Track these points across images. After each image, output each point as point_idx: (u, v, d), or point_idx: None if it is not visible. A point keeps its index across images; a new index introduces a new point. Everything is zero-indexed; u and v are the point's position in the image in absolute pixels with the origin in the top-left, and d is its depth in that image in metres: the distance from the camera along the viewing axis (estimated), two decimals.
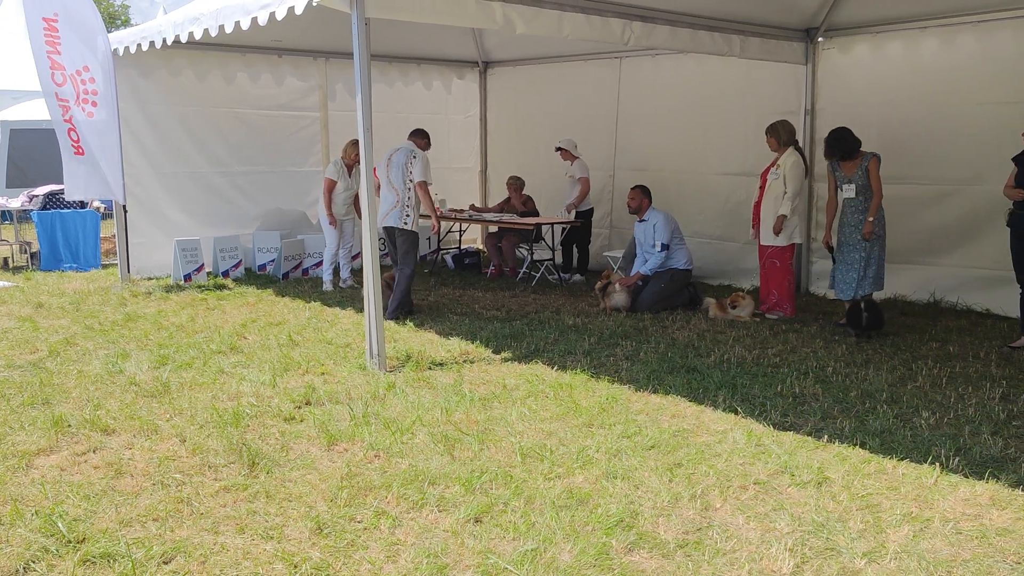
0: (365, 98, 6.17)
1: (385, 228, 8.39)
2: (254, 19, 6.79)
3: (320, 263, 10.40)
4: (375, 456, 4.67)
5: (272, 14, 6.54)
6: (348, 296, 9.36)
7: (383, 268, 7.15)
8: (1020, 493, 4.17)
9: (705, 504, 4.08)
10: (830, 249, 7.91)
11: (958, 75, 8.41)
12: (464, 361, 6.70)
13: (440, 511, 4.00)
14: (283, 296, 9.38)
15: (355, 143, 9.06)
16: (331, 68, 11.70)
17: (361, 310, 7.16)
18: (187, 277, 10.20)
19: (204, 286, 9.97)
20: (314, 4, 6.01)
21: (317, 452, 4.75)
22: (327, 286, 9.88)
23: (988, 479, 4.33)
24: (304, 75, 11.59)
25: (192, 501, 4.10)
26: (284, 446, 4.83)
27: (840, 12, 8.94)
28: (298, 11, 6.22)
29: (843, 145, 7.63)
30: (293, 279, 10.61)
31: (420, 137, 8.66)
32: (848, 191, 7.64)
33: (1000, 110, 8.03)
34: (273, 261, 10.92)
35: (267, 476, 4.39)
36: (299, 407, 5.53)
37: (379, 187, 8.39)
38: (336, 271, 10.10)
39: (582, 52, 11.39)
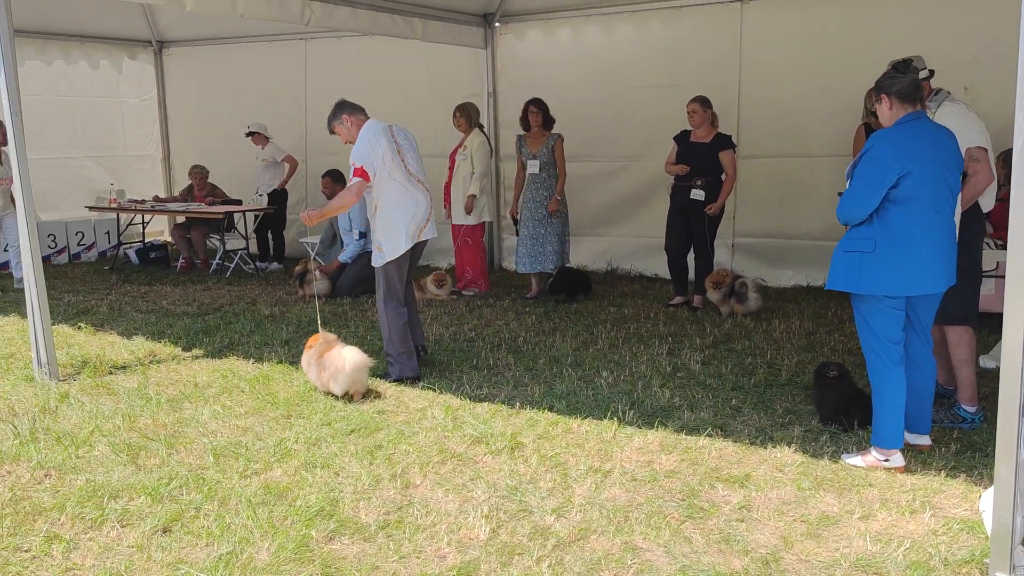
0: (11, 76, 5.51)
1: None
2: None
3: None
4: (45, 475, 4.22)
5: None
6: (13, 300, 8.37)
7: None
8: (683, 437, 4.65)
9: (405, 482, 4.13)
10: (515, 221, 8.32)
11: (619, 60, 9.15)
12: (150, 362, 6.25)
13: (123, 526, 3.70)
14: None
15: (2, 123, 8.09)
16: None
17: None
18: None
19: None
20: None
21: None
22: None
23: (658, 427, 4.78)
24: None
25: None
26: None
27: None
28: None
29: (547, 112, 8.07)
30: None
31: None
32: (532, 167, 8.05)
33: (656, 92, 8.85)
34: None
35: None
36: None
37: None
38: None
39: (266, 33, 10.99)
